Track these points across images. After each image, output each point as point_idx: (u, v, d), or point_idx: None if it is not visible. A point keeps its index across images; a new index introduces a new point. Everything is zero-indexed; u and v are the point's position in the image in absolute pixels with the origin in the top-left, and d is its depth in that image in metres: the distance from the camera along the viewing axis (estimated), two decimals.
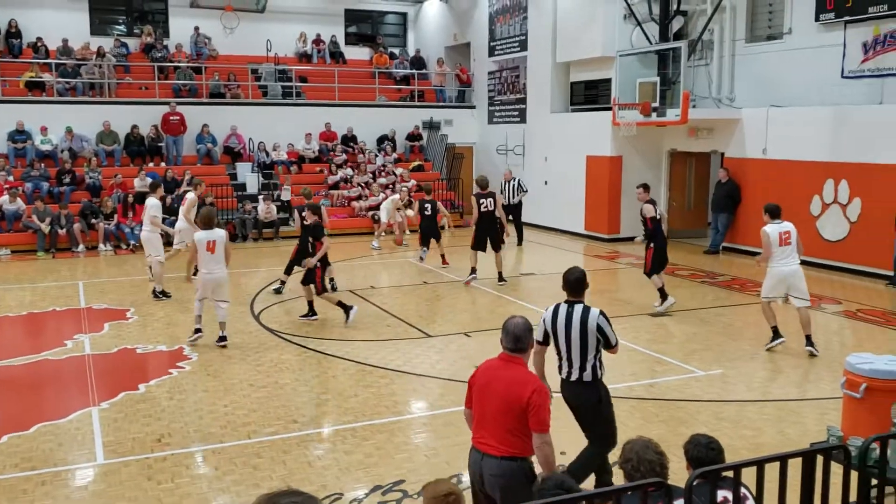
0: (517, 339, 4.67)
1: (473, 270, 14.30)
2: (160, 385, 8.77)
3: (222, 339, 10.27)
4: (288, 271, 13.56)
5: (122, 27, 25.18)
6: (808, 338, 9.69)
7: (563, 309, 5.81)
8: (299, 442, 7.21)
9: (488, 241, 14.12)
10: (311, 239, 11.53)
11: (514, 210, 19.13)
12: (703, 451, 3.98)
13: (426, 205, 15.91)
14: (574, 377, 5.78)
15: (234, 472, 6.54)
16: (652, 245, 11.85)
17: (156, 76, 22.64)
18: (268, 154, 22.26)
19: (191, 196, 13.99)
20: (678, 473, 4.17)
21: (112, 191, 19.37)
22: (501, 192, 19.31)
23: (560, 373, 5.90)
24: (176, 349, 10.16)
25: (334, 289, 13.67)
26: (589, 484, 5.89)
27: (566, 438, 6.19)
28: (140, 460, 6.77)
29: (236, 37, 24.81)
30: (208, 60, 24.13)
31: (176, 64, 23.28)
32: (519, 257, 17.46)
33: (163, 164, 21.10)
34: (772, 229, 9.63)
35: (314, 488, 6.19)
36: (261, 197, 20.54)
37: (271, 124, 22.65)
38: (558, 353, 5.84)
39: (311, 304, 11.70)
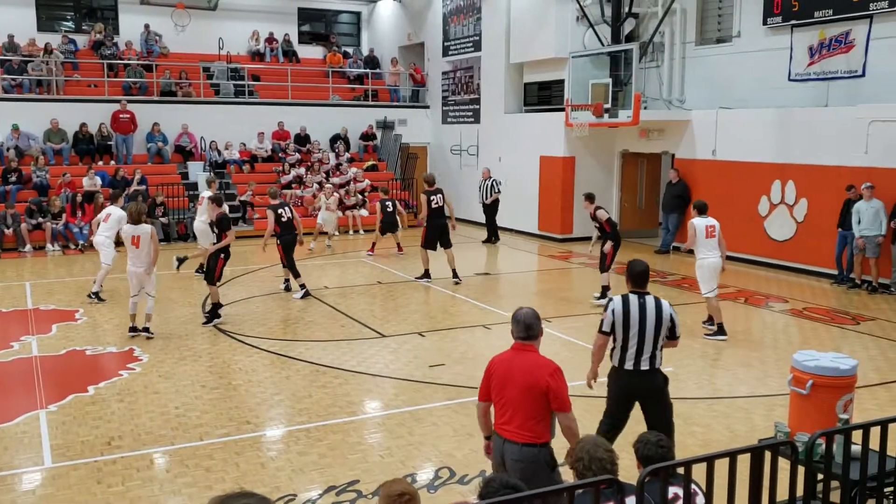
0: (528, 327, 4.85)
1: (427, 274, 14.33)
2: (110, 387, 8.61)
3: (146, 329, 10.52)
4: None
5: (70, 23, 24.65)
6: (720, 325, 10.69)
7: (634, 300, 5.88)
8: (252, 443, 7.14)
9: (439, 239, 14.20)
10: (215, 231, 11.58)
11: (490, 209, 19.37)
12: (653, 450, 4.04)
13: (387, 203, 16.82)
14: (645, 366, 5.84)
15: (186, 475, 6.46)
16: (611, 244, 12.45)
17: (105, 74, 22.21)
18: (220, 153, 21.99)
19: (207, 194, 14.53)
20: (630, 471, 4.23)
21: (60, 190, 18.96)
22: (479, 190, 19.48)
23: (623, 364, 5.88)
24: (126, 350, 9.99)
25: (287, 289, 13.60)
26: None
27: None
28: (89, 463, 6.65)
29: (188, 34, 24.46)
30: (159, 58, 23.73)
31: (126, 61, 22.86)
32: (474, 257, 17.50)
33: (112, 163, 20.72)
34: (698, 222, 10.59)
35: (267, 490, 6.14)
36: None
37: (223, 123, 22.37)
38: (624, 343, 5.83)
39: (215, 305, 11.46)
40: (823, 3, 14.80)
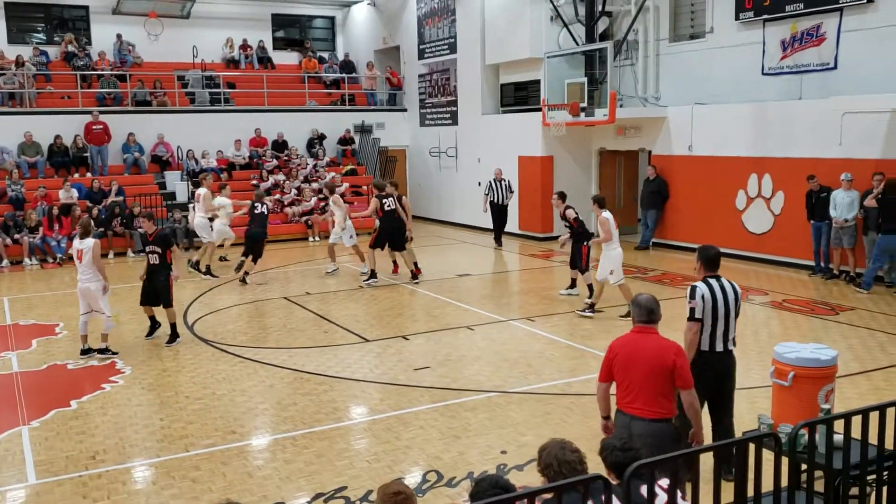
0: (651, 311, 5.20)
1: (373, 274, 14.50)
2: (93, 401, 8.54)
3: (101, 350, 10.13)
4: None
5: (41, 35, 24.43)
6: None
7: (716, 284, 5.97)
8: (238, 453, 7.11)
9: (388, 241, 14.60)
10: (158, 250, 10.62)
11: (503, 211, 19.10)
12: (620, 455, 3.96)
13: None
14: (730, 346, 5.99)
15: (172, 486, 6.42)
16: (586, 243, 12.55)
17: (78, 85, 22.02)
18: (197, 162, 21.87)
19: (203, 191, 15.43)
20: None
21: (36, 203, 18.78)
22: (488, 192, 19.04)
23: (713, 347, 5.94)
24: (108, 363, 9.91)
25: (243, 280, 14.23)
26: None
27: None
28: (74, 479, 6.59)
29: (161, 44, 24.32)
30: (133, 68, 23.56)
31: (99, 72, 22.69)
32: (454, 258, 17.51)
33: (89, 175, 20.54)
34: (609, 216, 11.33)
35: (255, 499, 6.12)
36: (191, 206, 20.16)
37: (200, 131, 22.24)
38: (713, 326, 5.89)
39: (173, 326, 10.83)
40: None
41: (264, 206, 15.07)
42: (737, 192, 16.04)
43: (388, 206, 14.44)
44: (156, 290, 10.73)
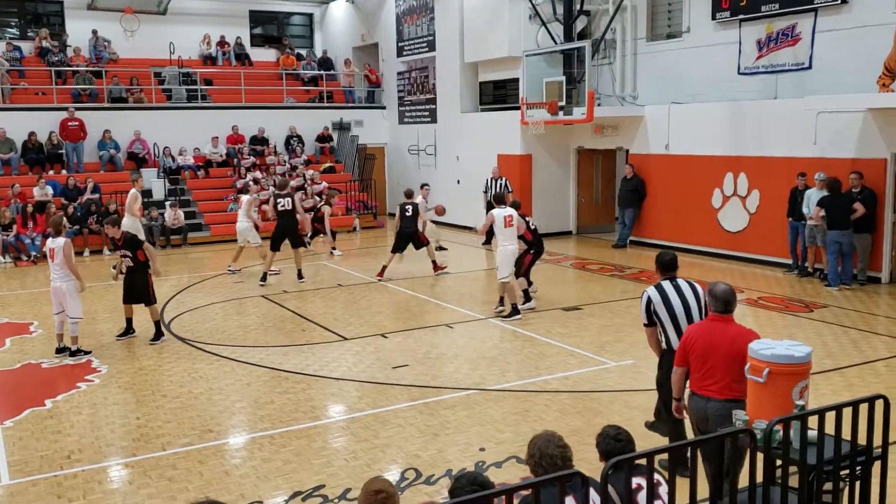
0: (727, 302, 5.40)
1: (265, 276, 14.56)
2: (68, 400, 8.46)
3: (72, 352, 9.97)
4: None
5: (14, 30, 24.13)
6: (514, 306, 11.62)
7: (670, 286, 6.24)
8: (216, 451, 7.07)
9: (284, 240, 14.70)
10: (129, 254, 10.48)
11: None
12: (612, 444, 4.15)
13: (406, 207, 14.94)
14: None
15: (148, 486, 6.38)
16: (531, 252, 12.31)
17: (53, 81, 21.77)
18: (174, 159, 21.71)
19: (246, 197, 15.52)
20: (594, 464, 4.28)
21: (10, 201, 18.55)
22: (486, 191, 18.76)
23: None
24: (84, 362, 9.82)
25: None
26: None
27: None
28: (49, 478, 6.52)
29: (137, 39, 24.11)
30: (108, 64, 23.34)
31: (74, 68, 22.44)
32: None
33: (64, 172, 20.33)
34: (497, 213, 11.55)
35: (233, 497, 6.10)
36: (168, 203, 20.03)
37: (177, 128, 22.07)
38: (675, 325, 6.13)
39: (157, 324, 10.80)
40: None
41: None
42: (713, 190, 16.16)
43: (283, 206, 14.68)
44: (135, 291, 10.65)
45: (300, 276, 14.79)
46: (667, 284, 6.27)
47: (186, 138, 22.16)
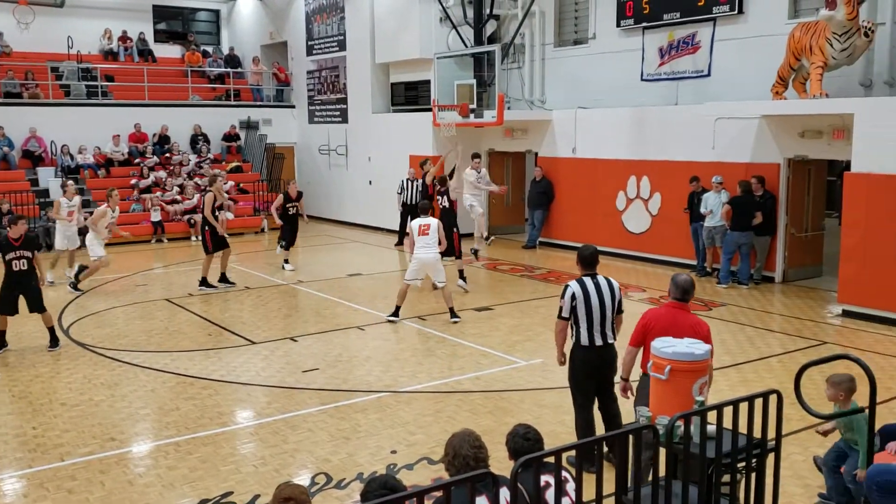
0: (686, 291, 5.89)
1: (205, 281, 13.96)
2: None
3: None
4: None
5: None
6: (452, 310, 11.48)
7: (590, 282, 6.39)
8: (118, 460, 6.85)
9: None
10: (28, 255, 9.99)
11: (414, 211, 17.80)
12: (521, 442, 4.22)
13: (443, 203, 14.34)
14: (610, 339, 6.45)
15: (45, 498, 6.12)
16: (455, 230, 13.04)
17: None
18: (73, 157, 20.90)
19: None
20: (504, 462, 4.33)
21: None
22: (401, 192, 18.15)
23: (592, 341, 6.37)
24: None
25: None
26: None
27: None
28: None
29: (33, 32, 23.04)
30: (1, 57, 22.29)
31: None
32: (345, 258, 17.38)
33: None
34: (414, 223, 11.54)
35: None
36: None
37: (76, 126, 21.25)
38: (589, 323, 6.32)
39: (52, 330, 10.35)
40: (671, 6, 15.59)
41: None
42: (617, 193, 16.58)
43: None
44: (28, 298, 10.08)
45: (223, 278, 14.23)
46: (588, 281, 6.39)
47: (86, 136, 21.35)
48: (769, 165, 13.92)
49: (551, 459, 3.92)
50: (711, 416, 4.50)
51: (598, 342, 6.37)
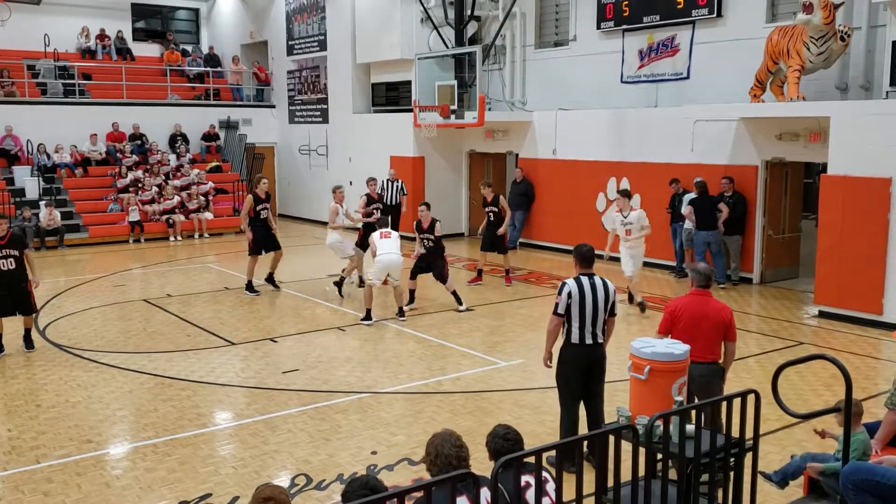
0: (707, 278, 6.32)
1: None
2: None
3: None
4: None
5: None
6: (401, 309, 11.85)
7: (587, 281, 6.46)
8: (95, 462, 6.79)
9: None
10: (15, 253, 9.78)
11: (394, 213, 16.93)
12: (501, 443, 4.24)
13: (489, 211, 14.39)
14: (599, 339, 6.51)
15: (21, 501, 6.06)
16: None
17: None
18: (49, 156, 20.70)
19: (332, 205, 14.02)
20: (485, 463, 4.34)
21: None
22: (381, 192, 17.98)
23: (582, 340, 6.42)
24: None
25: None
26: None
27: None
28: None
29: (9, 30, 22.80)
30: None
31: None
32: (325, 259, 17.31)
33: None
34: (374, 234, 11.88)
35: None
36: (42, 203, 19.07)
37: (52, 124, 21.03)
38: (581, 321, 6.36)
39: (28, 331, 10.20)
40: (651, 8, 15.68)
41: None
42: (597, 194, 16.65)
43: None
44: (14, 298, 9.86)
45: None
46: (585, 280, 6.44)
47: (63, 135, 21.15)
48: (747, 167, 14.04)
49: (531, 459, 3.94)
50: (690, 417, 4.53)
51: (589, 341, 6.41)
